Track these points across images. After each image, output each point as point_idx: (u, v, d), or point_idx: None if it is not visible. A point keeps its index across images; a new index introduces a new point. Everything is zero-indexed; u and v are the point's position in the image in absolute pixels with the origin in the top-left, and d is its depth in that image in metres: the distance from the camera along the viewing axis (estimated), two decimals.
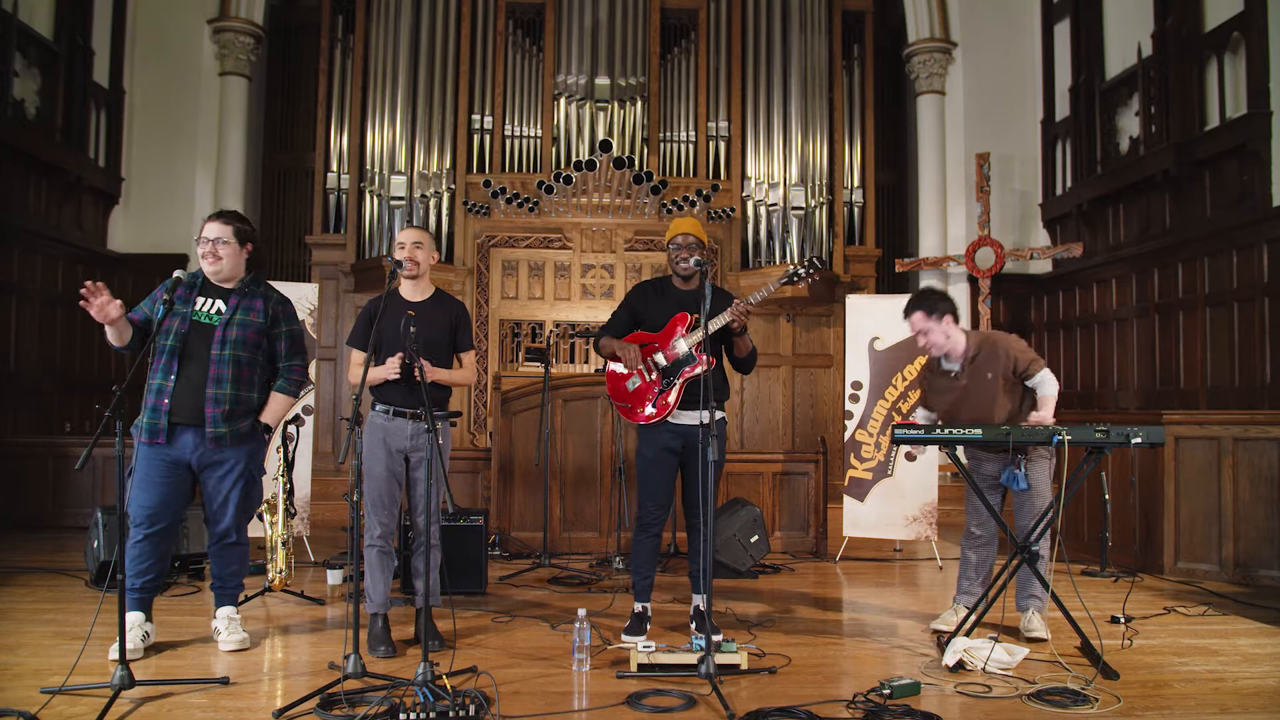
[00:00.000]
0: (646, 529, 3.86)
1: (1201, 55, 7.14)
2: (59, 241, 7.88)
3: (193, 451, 3.56)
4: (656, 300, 3.91)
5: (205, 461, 3.60)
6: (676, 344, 3.79)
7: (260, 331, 3.69)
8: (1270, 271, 6.51)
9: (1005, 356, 3.90)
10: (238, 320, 3.63)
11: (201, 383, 3.54)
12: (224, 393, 3.56)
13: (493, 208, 8.56)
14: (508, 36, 8.91)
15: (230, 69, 9.09)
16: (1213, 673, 3.45)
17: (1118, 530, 5.67)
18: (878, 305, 6.28)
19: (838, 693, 3.16)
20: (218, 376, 3.56)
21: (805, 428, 8.91)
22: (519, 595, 4.77)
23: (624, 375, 3.88)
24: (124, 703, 2.94)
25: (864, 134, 9.22)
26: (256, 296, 3.71)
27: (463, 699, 2.83)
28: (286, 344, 3.78)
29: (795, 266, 3.87)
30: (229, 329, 3.60)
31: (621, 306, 3.99)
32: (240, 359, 3.62)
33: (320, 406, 8.14)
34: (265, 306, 3.72)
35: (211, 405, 3.54)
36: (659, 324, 3.86)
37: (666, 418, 3.78)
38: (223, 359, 3.58)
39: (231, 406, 3.58)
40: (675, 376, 3.78)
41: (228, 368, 3.58)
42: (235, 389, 3.59)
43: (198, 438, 3.55)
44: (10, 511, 6.81)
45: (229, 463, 3.63)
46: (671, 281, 3.95)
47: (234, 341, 3.61)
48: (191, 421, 3.53)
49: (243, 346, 3.63)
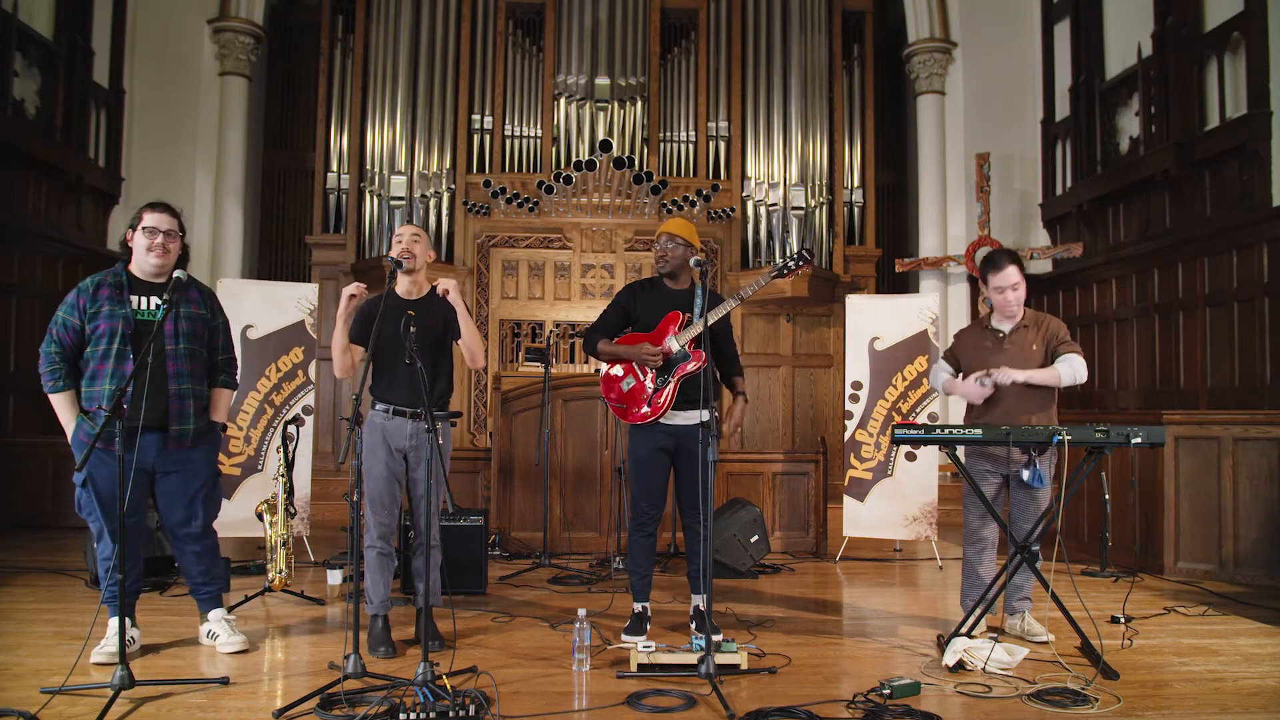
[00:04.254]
0: (641, 528, 3.86)
1: (1201, 55, 7.14)
2: (59, 241, 7.87)
3: (154, 456, 3.47)
4: (648, 300, 3.91)
5: (167, 465, 3.51)
6: (669, 342, 3.79)
7: (205, 324, 3.62)
8: (1270, 271, 6.51)
9: (1051, 331, 3.99)
10: (184, 314, 3.54)
11: (160, 382, 3.43)
12: (186, 389, 3.50)
13: (493, 208, 8.56)
14: (508, 36, 8.91)
15: (230, 69, 9.09)
16: (1213, 673, 3.45)
17: (1118, 530, 5.67)
18: (878, 305, 6.28)
19: (838, 693, 3.16)
20: (177, 373, 3.48)
21: (805, 428, 8.91)
22: (519, 595, 4.77)
23: (619, 376, 3.88)
24: (124, 703, 2.93)
25: (864, 134, 9.22)
26: (191, 289, 3.60)
27: (463, 699, 2.83)
28: (224, 336, 3.74)
29: (785, 259, 3.87)
30: (179, 323, 3.51)
31: (612, 306, 3.97)
32: (194, 353, 3.56)
33: (320, 406, 8.14)
34: (200, 298, 3.64)
35: (175, 403, 3.46)
36: (651, 323, 3.86)
37: (660, 417, 3.78)
38: (179, 355, 3.50)
39: (194, 403, 3.53)
40: (670, 375, 3.78)
41: (185, 363, 3.51)
42: (193, 385, 3.54)
43: (159, 441, 3.46)
44: (10, 511, 6.81)
45: (192, 464, 3.57)
46: (662, 281, 3.95)
47: (186, 336, 3.52)
48: (154, 424, 3.42)
49: (194, 341, 3.56)
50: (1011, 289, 3.96)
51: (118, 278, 3.51)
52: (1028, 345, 3.97)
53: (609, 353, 3.88)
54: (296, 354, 5.89)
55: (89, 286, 3.47)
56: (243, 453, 5.73)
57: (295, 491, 5.07)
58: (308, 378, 5.92)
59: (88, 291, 3.46)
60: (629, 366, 3.86)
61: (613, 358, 3.89)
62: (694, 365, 3.74)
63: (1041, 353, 3.96)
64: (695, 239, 3.92)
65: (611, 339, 3.92)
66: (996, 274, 3.97)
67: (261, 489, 5.52)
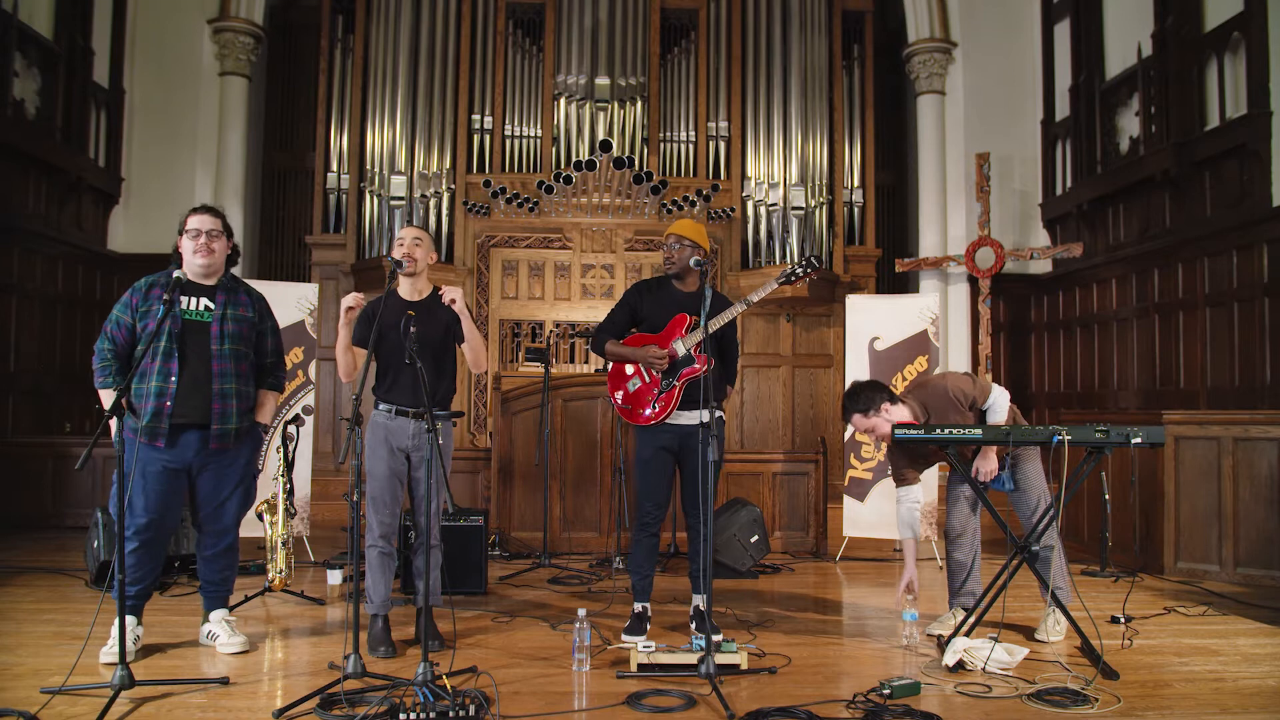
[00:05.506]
0: (645, 528, 3.86)
1: (1201, 55, 7.14)
2: (59, 241, 7.87)
3: (195, 453, 3.55)
4: (655, 300, 3.91)
5: (206, 463, 3.58)
6: (676, 345, 3.79)
7: (252, 327, 3.69)
8: (1270, 271, 6.51)
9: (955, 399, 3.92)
10: (231, 316, 3.62)
11: (205, 381, 3.52)
12: (229, 389, 3.56)
13: (493, 208, 8.56)
14: (508, 36, 8.91)
15: (230, 69, 9.08)
16: (1213, 673, 3.45)
17: (1118, 530, 5.67)
18: (878, 305, 6.28)
19: (838, 693, 3.16)
20: (221, 373, 3.56)
21: (805, 428, 8.91)
22: (519, 595, 4.77)
23: (626, 377, 3.89)
24: (124, 703, 2.93)
25: (864, 134, 9.22)
26: (240, 291, 3.70)
27: (463, 699, 2.83)
28: (273, 339, 3.80)
29: (793, 265, 3.87)
30: (225, 324, 3.59)
31: (619, 306, 3.97)
32: (240, 354, 3.62)
33: (320, 406, 8.14)
34: (250, 301, 3.72)
35: (218, 402, 3.54)
36: (658, 324, 3.86)
37: (666, 418, 3.78)
38: (224, 355, 3.57)
39: (237, 403, 3.58)
40: (675, 377, 3.78)
41: (230, 364, 3.58)
42: (238, 385, 3.60)
43: (201, 439, 3.54)
44: (10, 511, 6.81)
45: (231, 463, 3.63)
46: (670, 282, 3.95)
47: (231, 337, 3.60)
48: (197, 422, 3.51)
49: (240, 342, 3.63)
50: (867, 433, 3.97)
51: (170, 278, 3.58)
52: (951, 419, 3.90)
53: (616, 353, 3.89)
54: (296, 354, 5.89)
55: (143, 286, 3.57)
56: None
57: (295, 491, 5.08)
58: (308, 378, 5.92)
59: (141, 291, 3.56)
60: (635, 368, 3.86)
61: (619, 359, 3.89)
62: (700, 368, 3.74)
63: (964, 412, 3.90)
64: (705, 240, 3.91)
65: (619, 339, 3.92)
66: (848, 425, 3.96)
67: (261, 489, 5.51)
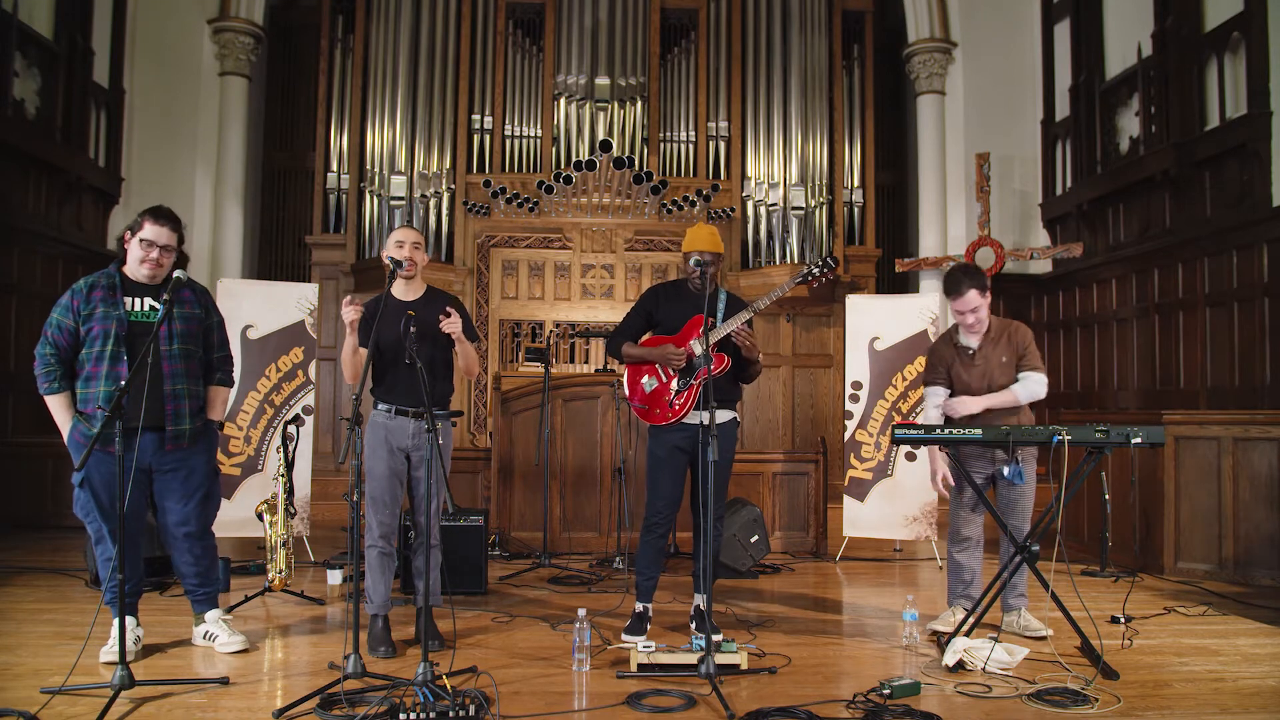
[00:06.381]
0: (653, 529, 3.87)
1: (1201, 55, 7.14)
2: (59, 241, 7.87)
3: (152, 455, 3.48)
4: (672, 303, 3.93)
5: (164, 464, 3.52)
6: (693, 345, 3.81)
7: (200, 323, 3.64)
8: (1270, 271, 6.51)
9: (1017, 341, 3.99)
10: (179, 314, 3.55)
11: (156, 382, 3.43)
12: (181, 389, 3.51)
13: (493, 208, 8.56)
14: (508, 36, 8.91)
15: (230, 69, 9.09)
16: (1213, 673, 3.45)
17: (1118, 530, 5.67)
18: (878, 305, 6.28)
19: (838, 693, 3.16)
20: (172, 373, 3.49)
21: (805, 428, 8.91)
22: (519, 595, 4.77)
23: (642, 377, 3.90)
24: (124, 703, 2.93)
25: (864, 134, 9.22)
26: (183, 288, 3.58)
27: (463, 699, 2.83)
28: (219, 334, 3.74)
29: (809, 266, 3.88)
30: (173, 324, 3.52)
31: (636, 310, 3.99)
32: (189, 353, 3.57)
33: (320, 406, 8.13)
34: (195, 297, 3.65)
35: (171, 403, 3.47)
36: (675, 326, 3.88)
37: (682, 418, 3.80)
38: (174, 355, 3.51)
39: (189, 403, 3.53)
40: (692, 378, 3.79)
41: (180, 363, 3.52)
42: (189, 384, 3.55)
43: (156, 441, 3.47)
44: (10, 511, 6.81)
45: (191, 462, 3.58)
46: (688, 285, 3.97)
47: (181, 336, 3.53)
48: (151, 424, 3.40)
49: (189, 340, 3.57)
50: (972, 312, 3.94)
51: (110, 279, 3.51)
52: (996, 359, 3.98)
53: (633, 355, 3.90)
54: (296, 354, 5.89)
55: (83, 288, 3.48)
56: (243, 453, 5.73)
57: (295, 491, 5.07)
58: (307, 378, 5.92)
59: (81, 293, 3.47)
60: (652, 368, 3.88)
61: (637, 360, 3.90)
62: (717, 369, 3.75)
63: (1011, 365, 3.97)
64: (720, 246, 3.92)
65: (635, 342, 3.94)
66: (956, 299, 3.94)
67: (261, 489, 5.53)
